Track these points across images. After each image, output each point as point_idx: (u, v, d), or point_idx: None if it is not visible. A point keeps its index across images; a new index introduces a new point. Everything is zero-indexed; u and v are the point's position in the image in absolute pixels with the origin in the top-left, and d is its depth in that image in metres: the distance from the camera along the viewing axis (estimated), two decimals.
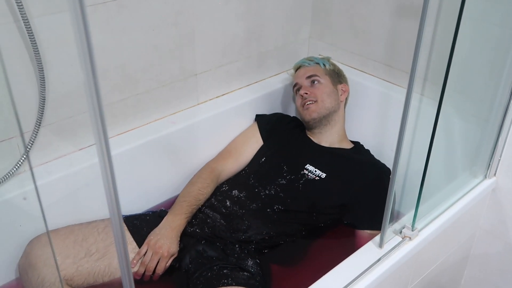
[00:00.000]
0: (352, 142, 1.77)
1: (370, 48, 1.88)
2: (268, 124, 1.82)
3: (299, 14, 1.99)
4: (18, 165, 1.39)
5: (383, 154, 1.74)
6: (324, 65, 1.78)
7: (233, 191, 1.58)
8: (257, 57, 1.92)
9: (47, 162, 1.49)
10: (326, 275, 1.15)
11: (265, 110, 1.92)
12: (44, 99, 1.37)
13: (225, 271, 1.36)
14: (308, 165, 1.63)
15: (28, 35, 1.26)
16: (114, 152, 0.66)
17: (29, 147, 1.40)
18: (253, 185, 1.60)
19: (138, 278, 1.38)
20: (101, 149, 0.63)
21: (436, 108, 1.15)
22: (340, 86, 1.76)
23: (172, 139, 1.69)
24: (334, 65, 1.82)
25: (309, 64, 1.78)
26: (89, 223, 1.45)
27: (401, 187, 1.33)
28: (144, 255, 1.38)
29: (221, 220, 1.51)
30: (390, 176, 1.16)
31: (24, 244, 1.38)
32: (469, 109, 1.52)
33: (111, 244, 1.39)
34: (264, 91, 1.93)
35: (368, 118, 1.85)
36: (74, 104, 1.47)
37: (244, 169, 1.72)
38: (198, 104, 1.80)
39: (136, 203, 1.64)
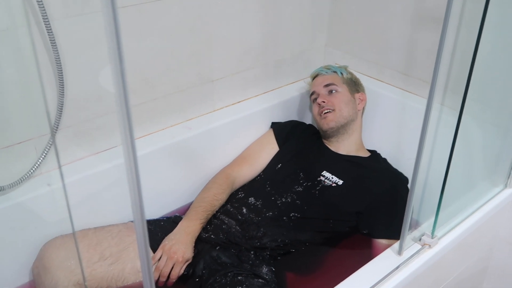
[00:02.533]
0: (369, 151, 1.75)
1: (387, 56, 1.87)
2: (283, 130, 1.81)
3: (316, 22, 1.99)
4: (35, 167, 1.40)
5: (400, 163, 1.72)
6: (341, 73, 1.77)
7: (250, 199, 1.57)
8: (274, 64, 1.92)
9: (64, 165, 1.49)
10: (344, 282, 1.14)
11: (281, 118, 1.91)
12: (63, 102, 1.37)
13: (239, 277, 1.35)
14: (324, 171, 1.62)
15: (49, 38, 1.27)
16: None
17: (46, 150, 1.41)
18: (269, 192, 1.58)
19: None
20: (127, 151, 0.62)
21: (456, 117, 1.14)
22: (357, 95, 1.75)
23: (187, 145, 1.69)
24: (351, 73, 1.81)
25: (326, 72, 1.77)
26: (103, 227, 1.45)
27: (420, 196, 1.31)
28: (159, 260, 1.37)
29: (237, 227, 1.50)
30: (409, 185, 1.15)
31: (38, 246, 1.38)
32: (489, 117, 1.50)
33: (125, 249, 1.39)
34: (280, 99, 1.93)
35: (385, 127, 1.84)
36: (91, 108, 1.48)
37: (259, 175, 1.71)
38: (214, 110, 1.80)
39: (150, 208, 1.63)
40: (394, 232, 1.23)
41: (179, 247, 1.38)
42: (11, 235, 1.38)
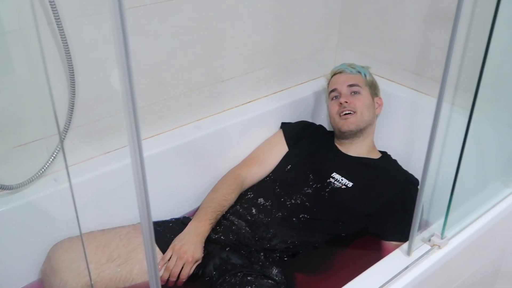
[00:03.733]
0: (380, 152, 1.74)
1: (399, 56, 1.86)
2: (293, 131, 1.80)
3: (327, 22, 1.98)
4: (46, 166, 1.41)
5: (412, 163, 1.71)
6: (365, 75, 1.73)
7: (259, 199, 1.57)
8: (285, 64, 1.92)
9: (74, 165, 1.50)
10: (353, 281, 1.13)
11: (292, 118, 1.91)
12: (74, 102, 1.39)
13: (249, 278, 1.35)
14: (334, 173, 1.61)
15: (61, 38, 1.28)
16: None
17: (57, 149, 1.42)
18: (279, 194, 1.58)
19: (162, 283, 1.37)
20: (134, 151, 0.63)
21: (467, 117, 1.12)
22: (376, 99, 1.74)
23: (198, 145, 1.69)
24: (372, 75, 1.79)
25: (351, 71, 1.73)
26: (111, 229, 1.46)
27: (430, 196, 1.30)
28: (169, 260, 1.37)
29: (246, 228, 1.50)
30: (419, 186, 1.14)
31: (48, 245, 1.39)
32: (503, 117, 1.48)
33: (133, 250, 1.39)
34: (291, 99, 1.92)
35: (397, 127, 1.83)
36: (102, 108, 1.49)
37: (269, 176, 1.70)
38: (224, 110, 1.80)
39: (160, 209, 1.64)
40: (404, 234, 1.22)
41: (189, 247, 1.38)
42: (22, 233, 1.39)
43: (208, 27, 1.62)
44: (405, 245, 1.19)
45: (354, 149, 1.69)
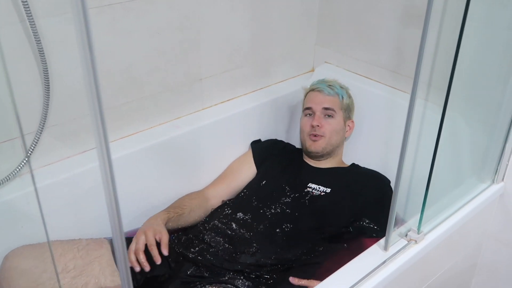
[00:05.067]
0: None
1: (376, 54, 1.87)
2: (262, 151, 1.80)
3: (305, 21, 1.99)
4: (21, 166, 1.39)
5: (389, 160, 1.73)
6: (342, 97, 1.72)
7: (238, 214, 1.53)
8: (263, 63, 1.92)
9: (49, 164, 1.48)
10: (330, 277, 1.13)
11: (270, 116, 1.92)
12: (48, 101, 1.37)
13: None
14: (310, 183, 1.61)
15: (34, 36, 1.26)
16: (117, 155, 0.65)
17: (31, 148, 1.40)
18: (257, 206, 1.55)
19: (147, 268, 1.33)
20: (102, 151, 0.62)
21: (441, 113, 1.14)
22: (348, 122, 1.74)
23: (176, 143, 1.68)
24: (350, 97, 1.78)
25: (329, 93, 1.71)
26: (70, 240, 1.41)
27: (406, 192, 1.31)
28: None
29: (225, 244, 1.44)
30: (393, 183, 1.14)
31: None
32: (476, 114, 1.50)
33: (90, 263, 1.34)
34: (269, 97, 1.92)
35: (374, 124, 1.84)
36: (77, 107, 1.47)
37: (243, 192, 1.67)
38: (203, 109, 1.80)
39: (137, 207, 1.62)
40: (382, 229, 1.23)
41: (150, 223, 1.40)
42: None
43: (184, 25, 1.61)
44: (382, 241, 1.20)
45: (323, 163, 1.70)
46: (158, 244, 1.36)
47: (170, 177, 1.71)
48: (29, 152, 1.40)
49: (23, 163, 1.39)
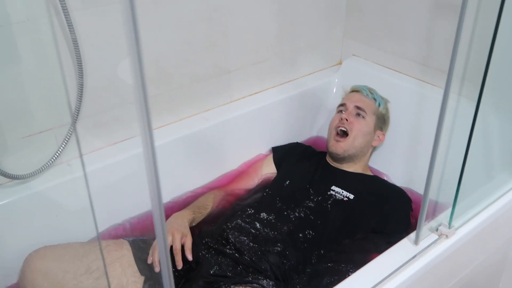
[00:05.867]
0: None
1: (405, 47, 1.86)
2: (282, 152, 1.80)
3: (333, 13, 1.98)
4: (55, 157, 1.42)
5: (418, 153, 1.72)
6: (379, 104, 1.72)
7: (261, 214, 1.50)
8: (290, 55, 1.92)
9: (83, 155, 1.51)
10: (360, 271, 1.13)
11: (297, 110, 1.92)
12: (82, 93, 1.39)
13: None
14: (333, 186, 1.59)
15: (69, 29, 1.29)
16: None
17: (66, 139, 1.43)
18: (281, 208, 1.53)
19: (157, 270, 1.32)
20: (146, 140, 0.63)
21: (474, 107, 1.12)
22: (378, 132, 1.72)
23: (204, 136, 1.70)
24: (387, 110, 1.76)
25: (367, 95, 1.71)
26: (90, 241, 1.43)
27: (438, 186, 1.30)
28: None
29: (250, 243, 1.41)
30: (425, 177, 1.13)
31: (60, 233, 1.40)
32: (508, 107, 1.48)
33: (111, 264, 1.34)
34: (297, 91, 1.93)
35: (403, 118, 1.82)
36: (110, 98, 1.49)
37: (266, 192, 1.64)
38: (231, 101, 1.81)
39: (165, 197, 1.65)
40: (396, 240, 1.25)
41: (172, 226, 1.39)
42: (28, 223, 1.40)
43: (213, 17, 1.62)
44: (412, 235, 1.20)
45: (346, 167, 1.69)
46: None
47: (197, 169, 1.72)
48: (64, 143, 1.42)
49: (57, 154, 1.42)
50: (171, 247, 1.34)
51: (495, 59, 1.10)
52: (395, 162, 1.80)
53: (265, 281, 1.33)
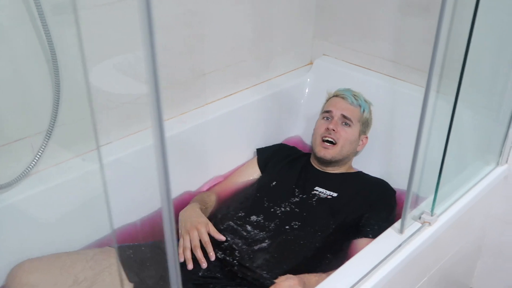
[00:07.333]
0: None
1: (375, 45, 1.90)
2: (267, 157, 1.82)
3: (303, 15, 2.01)
4: (32, 166, 1.38)
5: (392, 147, 1.76)
6: (364, 110, 1.73)
7: (251, 217, 1.52)
8: (265, 57, 1.94)
9: (57, 164, 1.48)
10: (348, 262, 1.15)
11: (273, 109, 1.94)
12: (58, 100, 1.37)
13: None
14: (317, 187, 1.62)
15: (45, 34, 1.26)
16: (123, 153, 0.67)
17: (43, 148, 1.40)
18: (268, 206, 1.56)
19: (205, 264, 1.36)
20: (156, 136, 0.65)
21: (450, 102, 1.16)
22: (362, 137, 1.75)
23: (181, 139, 1.69)
24: (370, 113, 1.78)
25: (352, 102, 1.72)
26: (76, 251, 1.41)
27: (419, 176, 1.34)
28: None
29: (240, 245, 1.43)
30: (409, 165, 1.16)
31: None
32: (481, 100, 1.53)
33: (100, 273, 1.33)
34: (272, 91, 1.94)
35: (377, 114, 1.85)
36: (86, 106, 1.47)
37: (255, 194, 1.65)
38: (206, 104, 1.80)
39: (142, 202, 1.61)
40: (377, 232, 1.27)
41: (191, 220, 1.42)
42: (5, 234, 1.36)
43: (189, 21, 1.61)
44: (397, 224, 1.23)
45: (331, 170, 1.71)
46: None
47: (174, 172, 1.70)
48: (40, 152, 1.39)
49: (34, 163, 1.39)
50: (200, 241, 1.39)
51: (470, 55, 1.14)
52: (372, 158, 1.83)
53: (253, 283, 1.34)
